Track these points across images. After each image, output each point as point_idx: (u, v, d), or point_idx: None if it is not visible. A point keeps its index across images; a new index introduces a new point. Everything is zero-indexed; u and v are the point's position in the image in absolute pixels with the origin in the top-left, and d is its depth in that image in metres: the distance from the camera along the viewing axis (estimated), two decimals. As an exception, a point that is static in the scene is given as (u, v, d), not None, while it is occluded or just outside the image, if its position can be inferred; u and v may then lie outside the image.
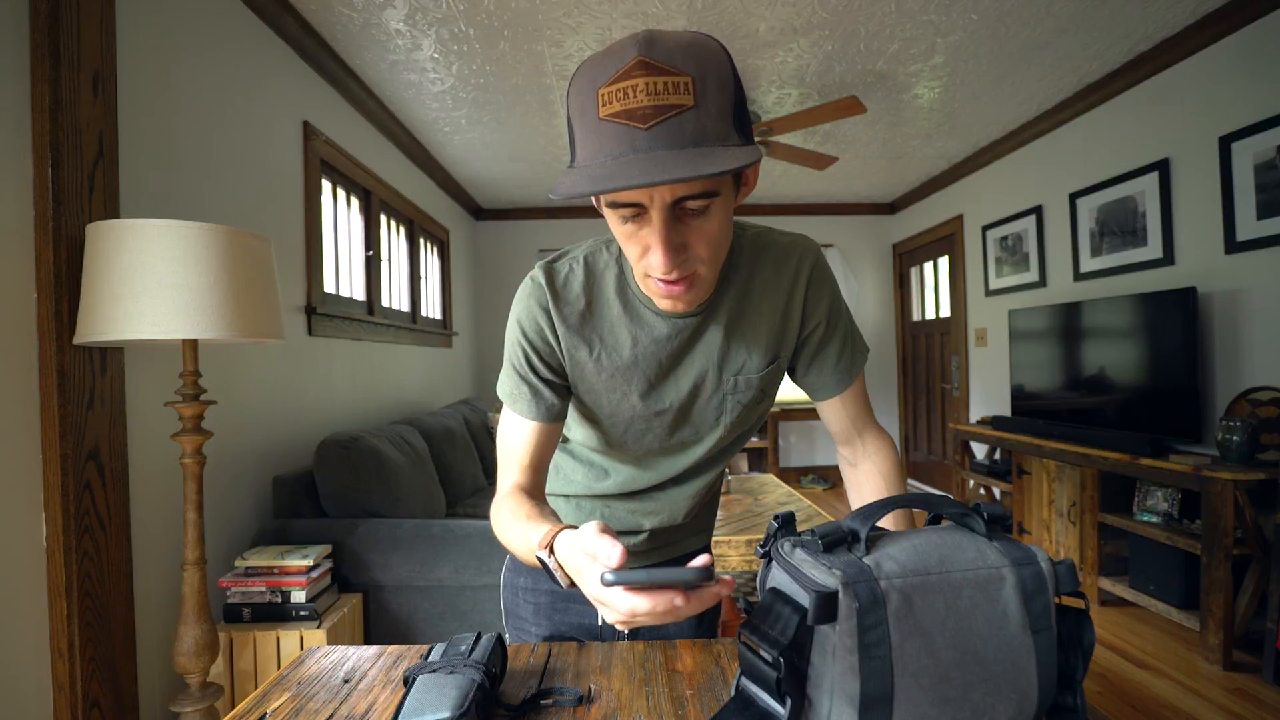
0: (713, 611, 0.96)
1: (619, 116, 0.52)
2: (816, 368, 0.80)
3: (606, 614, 0.47)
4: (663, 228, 0.56)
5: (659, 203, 0.55)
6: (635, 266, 0.63)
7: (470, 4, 2.16)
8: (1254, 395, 2.24)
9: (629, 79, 0.51)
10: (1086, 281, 3.15)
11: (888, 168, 4.25)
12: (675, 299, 0.63)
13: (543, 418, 0.74)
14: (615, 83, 0.52)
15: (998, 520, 0.53)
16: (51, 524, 1.29)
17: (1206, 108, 2.46)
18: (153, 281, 1.18)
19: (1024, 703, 0.48)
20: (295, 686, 0.66)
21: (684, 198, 0.55)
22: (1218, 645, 2.07)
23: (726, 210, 0.60)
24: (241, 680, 1.61)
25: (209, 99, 1.82)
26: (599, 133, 0.53)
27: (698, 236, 0.59)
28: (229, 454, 1.84)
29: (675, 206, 0.56)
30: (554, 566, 0.55)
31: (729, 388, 0.76)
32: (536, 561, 0.58)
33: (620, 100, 0.52)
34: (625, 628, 0.48)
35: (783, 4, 2.22)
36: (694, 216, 0.58)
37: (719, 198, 0.57)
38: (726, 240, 0.62)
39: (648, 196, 0.55)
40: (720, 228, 0.60)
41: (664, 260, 0.57)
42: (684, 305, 0.65)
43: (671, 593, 0.44)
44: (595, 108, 0.53)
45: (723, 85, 0.54)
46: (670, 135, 0.51)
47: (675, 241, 0.57)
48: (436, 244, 4.15)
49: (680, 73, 0.52)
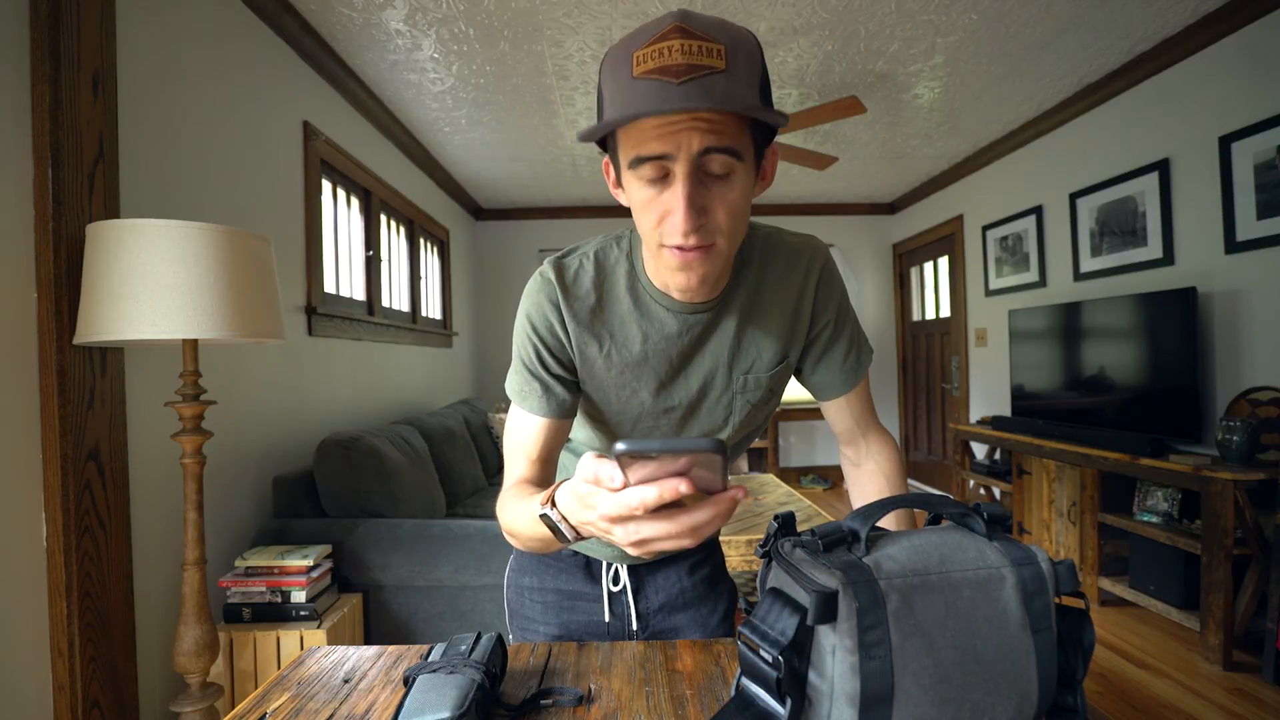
0: (729, 604, 0.96)
1: (652, 73, 0.54)
2: (824, 367, 0.80)
3: (617, 534, 0.45)
4: (686, 182, 0.57)
5: (685, 154, 0.56)
6: (650, 239, 0.62)
7: (470, 4, 2.16)
8: (1254, 395, 2.24)
9: (665, 41, 0.54)
10: (1086, 281, 3.15)
11: (888, 168, 4.25)
12: (690, 271, 0.62)
13: (553, 414, 0.73)
14: (651, 44, 0.54)
15: (998, 520, 0.53)
16: (51, 524, 1.29)
17: (1206, 107, 2.46)
18: (153, 281, 1.18)
19: (1024, 703, 0.48)
20: (295, 686, 0.66)
21: (710, 149, 0.56)
22: (1218, 645, 2.07)
23: (747, 184, 0.60)
24: (241, 680, 1.61)
25: (209, 99, 1.82)
26: (631, 89, 0.54)
27: (719, 203, 0.59)
28: (229, 454, 1.84)
29: (700, 166, 0.57)
30: (557, 519, 0.53)
31: (739, 386, 0.76)
32: (543, 528, 0.56)
33: (655, 59, 0.54)
34: (642, 551, 0.45)
35: (783, 4, 2.22)
36: (717, 182, 0.58)
37: (742, 165, 0.58)
38: (745, 218, 0.62)
39: (674, 145, 0.56)
40: (741, 199, 0.60)
41: (685, 217, 0.57)
42: (697, 281, 0.63)
43: (677, 479, 0.41)
44: (630, 68, 0.55)
45: (752, 60, 0.56)
46: (701, 90, 0.53)
47: (697, 203, 0.58)
48: (436, 244, 4.15)
49: (714, 40, 0.54)
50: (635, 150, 0.57)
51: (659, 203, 0.59)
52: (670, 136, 0.55)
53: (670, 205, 0.58)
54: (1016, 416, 3.41)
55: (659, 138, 0.56)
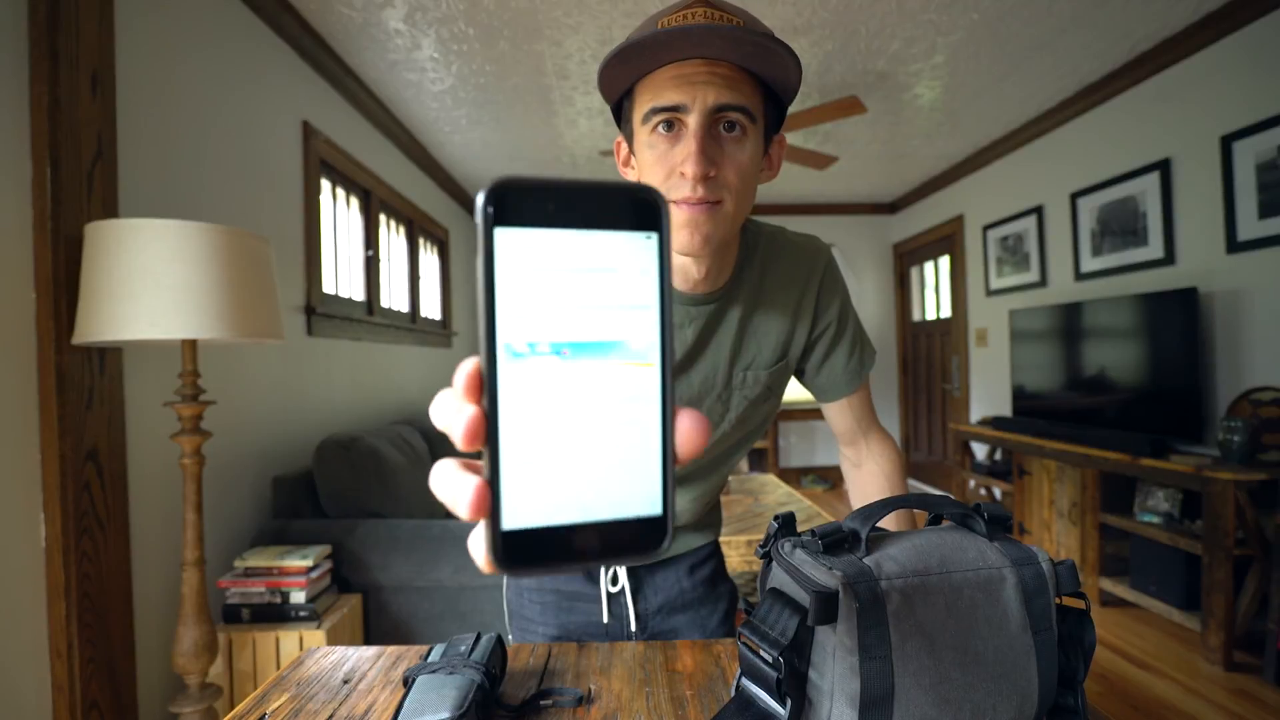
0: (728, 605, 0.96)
1: (676, 27, 0.56)
2: (827, 369, 0.80)
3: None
4: (700, 130, 0.58)
5: (700, 105, 0.57)
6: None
7: (470, 4, 2.16)
8: (1255, 395, 2.24)
9: (689, 8, 0.57)
10: (1087, 281, 3.15)
11: (888, 168, 4.25)
12: (695, 229, 0.60)
13: None
14: (675, 13, 0.57)
15: (998, 521, 0.53)
16: (50, 524, 1.29)
17: (1208, 107, 2.46)
18: (151, 281, 1.18)
19: (1024, 703, 0.48)
20: (295, 687, 0.66)
21: (725, 106, 0.58)
22: (1219, 646, 2.07)
23: (757, 151, 0.62)
24: (241, 681, 1.61)
25: (208, 98, 1.82)
26: (654, 37, 0.55)
27: (729, 161, 0.60)
28: (228, 454, 1.84)
29: (713, 121, 0.58)
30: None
31: (738, 382, 0.76)
32: None
33: (679, 21, 0.56)
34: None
35: (783, 4, 2.22)
36: (729, 141, 0.59)
37: (754, 128, 0.60)
38: (752, 184, 0.63)
39: (690, 96, 0.57)
40: (750, 162, 0.61)
41: (697, 160, 0.57)
42: (700, 241, 0.61)
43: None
44: (654, 27, 0.57)
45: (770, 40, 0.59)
46: (721, 38, 0.55)
47: (709, 153, 0.58)
48: (436, 244, 4.15)
49: (737, 15, 0.58)
50: (652, 100, 0.59)
51: (670, 156, 0.60)
52: (688, 88, 0.57)
53: (681, 155, 0.59)
54: (1017, 417, 3.40)
55: (676, 87, 0.57)
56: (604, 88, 0.62)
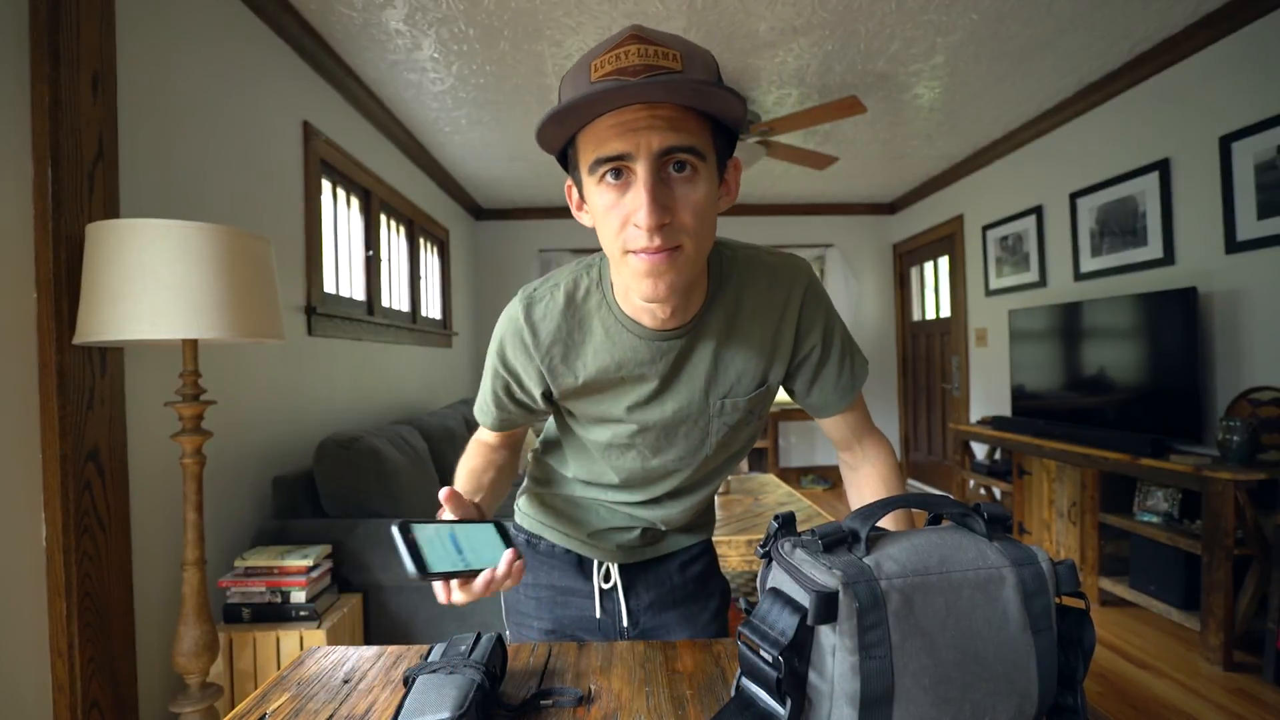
0: (720, 602, 0.96)
1: (609, 76, 0.54)
2: (818, 388, 0.79)
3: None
4: (648, 177, 0.56)
5: (645, 152, 0.55)
6: (614, 248, 0.60)
7: (470, 4, 2.16)
8: (1254, 395, 2.24)
9: (622, 48, 0.55)
10: (1087, 281, 3.15)
11: (888, 168, 4.25)
12: (658, 278, 0.59)
13: (504, 430, 0.85)
14: (608, 52, 0.55)
15: (998, 520, 0.53)
16: (51, 524, 1.29)
17: (1207, 107, 2.46)
18: (152, 281, 1.18)
19: (1024, 703, 0.48)
20: (295, 687, 0.66)
21: (672, 149, 0.56)
22: (1218, 645, 2.07)
23: (711, 187, 0.60)
24: (241, 680, 1.61)
25: (209, 99, 1.82)
26: (589, 91, 0.54)
27: (683, 203, 0.58)
28: (229, 454, 1.84)
29: (661, 165, 0.57)
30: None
31: (715, 410, 0.75)
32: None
33: (612, 63, 0.54)
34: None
35: (783, 4, 2.22)
36: (680, 182, 0.58)
37: (705, 165, 0.58)
38: (710, 222, 0.61)
39: (634, 144, 0.55)
40: (705, 200, 0.59)
41: (649, 211, 0.56)
42: (665, 289, 0.60)
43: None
44: (587, 76, 0.55)
45: (708, 68, 0.57)
46: (658, 86, 0.53)
47: (661, 200, 0.57)
48: (436, 244, 4.15)
49: (670, 47, 0.55)
50: (595, 152, 0.57)
51: (621, 206, 0.58)
52: (630, 135, 0.55)
53: (633, 206, 0.57)
54: (1017, 416, 3.41)
55: (619, 136, 0.55)
56: (543, 144, 0.60)
